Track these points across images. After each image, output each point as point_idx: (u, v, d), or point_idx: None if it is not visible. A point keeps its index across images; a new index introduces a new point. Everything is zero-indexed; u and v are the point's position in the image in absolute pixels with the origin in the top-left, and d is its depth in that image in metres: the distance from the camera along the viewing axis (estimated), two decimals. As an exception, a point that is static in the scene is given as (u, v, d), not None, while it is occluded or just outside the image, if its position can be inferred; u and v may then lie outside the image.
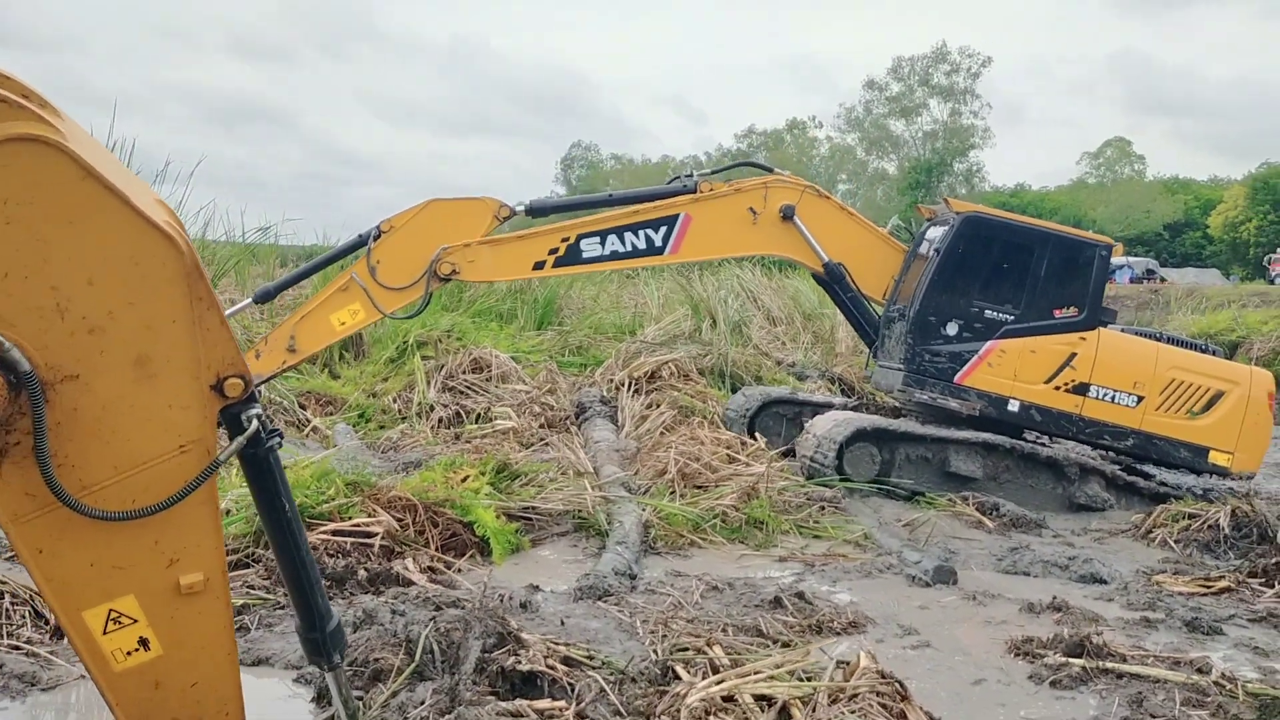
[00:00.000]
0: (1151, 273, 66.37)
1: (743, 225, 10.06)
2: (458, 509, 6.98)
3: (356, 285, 9.26)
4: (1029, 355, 9.73)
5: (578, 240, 9.70)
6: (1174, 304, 25.79)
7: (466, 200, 9.61)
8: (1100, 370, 9.70)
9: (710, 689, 3.99)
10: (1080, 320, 9.79)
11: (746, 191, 10.11)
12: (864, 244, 10.47)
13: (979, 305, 9.83)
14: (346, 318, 9.28)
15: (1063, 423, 9.76)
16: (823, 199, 10.34)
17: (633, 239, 9.79)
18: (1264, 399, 9.85)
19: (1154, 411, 9.75)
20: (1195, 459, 9.82)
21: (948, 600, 6.58)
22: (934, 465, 9.60)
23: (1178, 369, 9.84)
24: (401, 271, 9.27)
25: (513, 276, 10.11)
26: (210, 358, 2.60)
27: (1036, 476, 9.67)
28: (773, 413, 11.33)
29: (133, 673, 2.75)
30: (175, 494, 2.61)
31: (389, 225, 9.32)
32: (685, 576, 6.59)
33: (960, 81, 79.77)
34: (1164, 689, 4.97)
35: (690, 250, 10.04)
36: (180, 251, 2.46)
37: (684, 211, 9.88)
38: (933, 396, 9.82)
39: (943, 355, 9.81)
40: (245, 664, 4.67)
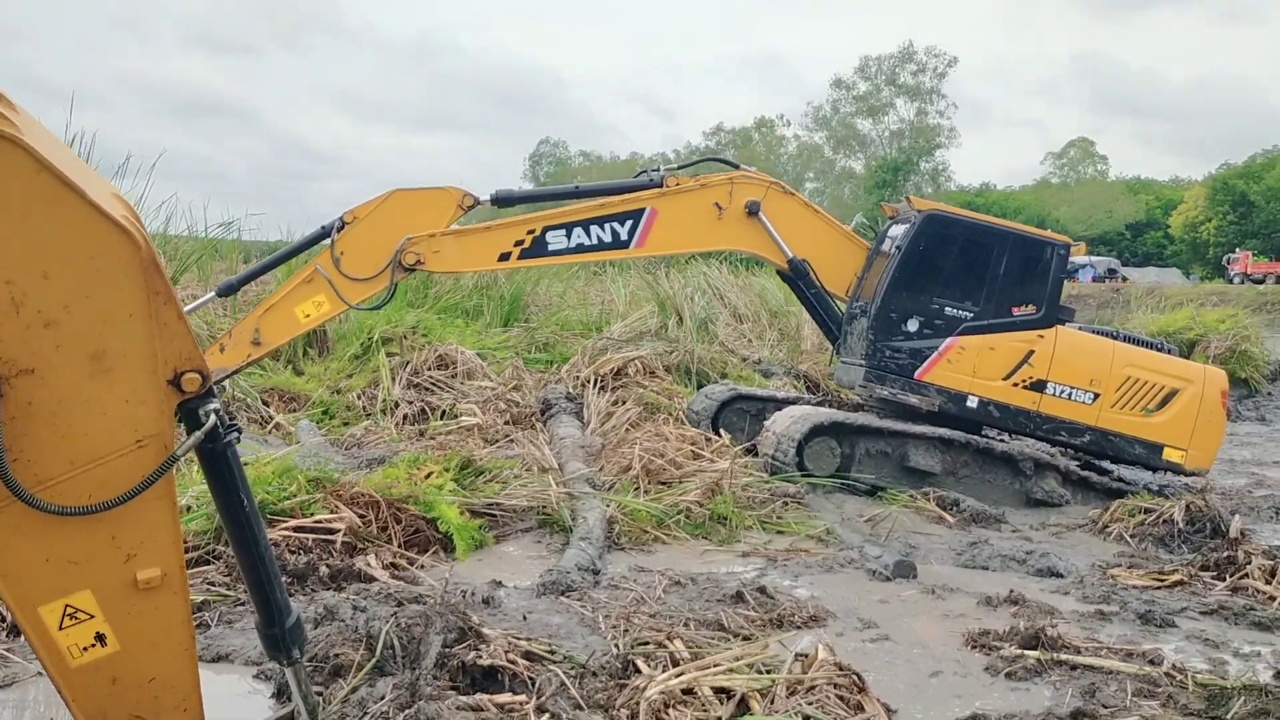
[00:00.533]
0: (1113, 272, 67.27)
1: (708, 220, 10.11)
2: (421, 505, 6.97)
3: (321, 277, 9.21)
4: (988, 352, 9.86)
5: (544, 233, 9.70)
6: (1134, 303, 26.08)
7: (430, 190, 9.58)
8: (1057, 368, 9.84)
9: (670, 682, 4.03)
10: (1038, 318, 9.92)
11: (712, 187, 10.16)
12: (828, 241, 10.55)
13: (939, 302, 9.94)
14: (311, 310, 9.24)
15: (1020, 419, 9.89)
16: (788, 195, 10.41)
17: (599, 232, 9.81)
18: (1217, 397, 10.01)
19: (1109, 409, 9.90)
20: (1150, 455, 9.97)
21: (907, 594, 6.66)
22: (893, 460, 9.70)
23: (1133, 367, 9.98)
24: (366, 262, 9.24)
25: (478, 268, 10.11)
26: (167, 352, 2.59)
27: (994, 472, 9.80)
28: (736, 409, 11.38)
29: (89, 668, 2.74)
30: (132, 489, 2.60)
31: (352, 216, 9.29)
32: (648, 572, 6.62)
33: (926, 81, 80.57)
34: (1116, 680, 5.07)
35: (656, 244, 10.08)
36: (137, 245, 2.46)
37: (650, 206, 9.91)
38: (893, 392, 9.92)
39: (903, 351, 9.91)
40: (205, 660, 4.66)
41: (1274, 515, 9.45)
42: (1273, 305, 39.15)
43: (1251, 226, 74.36)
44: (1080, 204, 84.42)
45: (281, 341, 9.51)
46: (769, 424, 10.25)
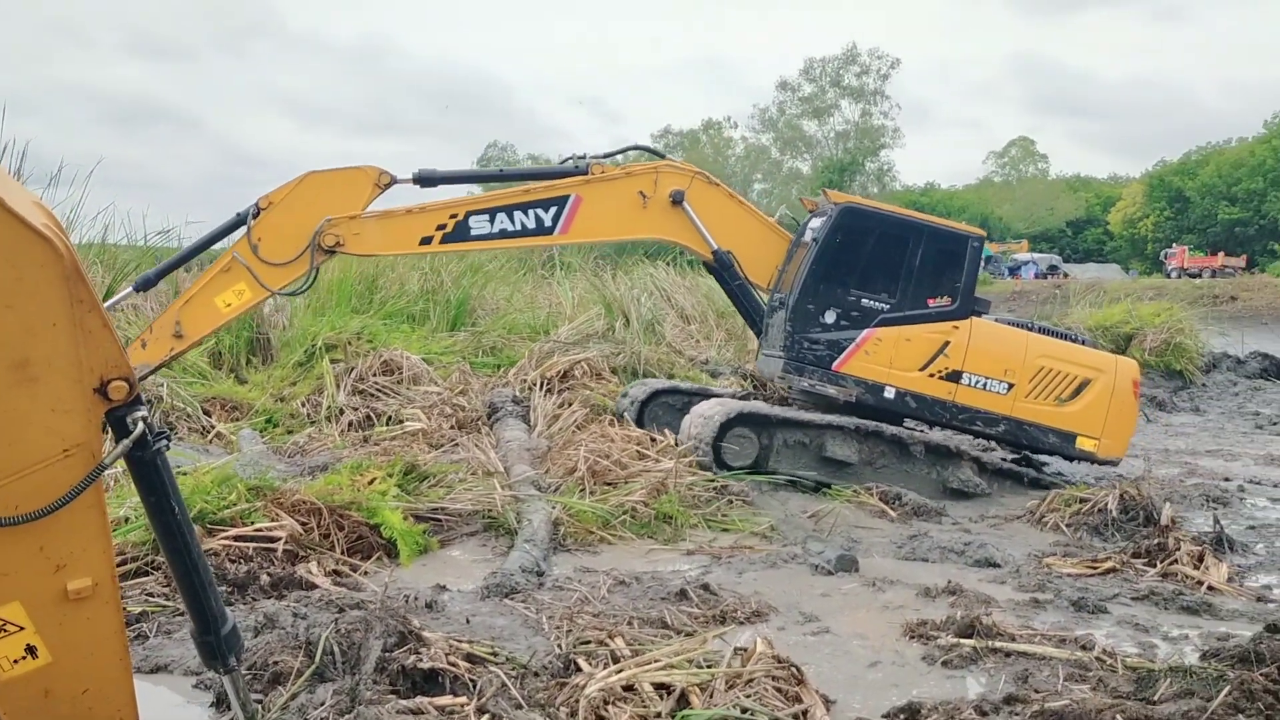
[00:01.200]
0: (1055, 268, 68.50)
1: (633, 208, 10.12)
2: (364, 511, 6.95)
3: (239, 265, 9.13)
4: (904, 343, 9.95)
5: (466, 217, 9.67)
6: (1075, 298, 26.56)
7: (345, 170, 9.51)
8: (972, 358, 9.96)
9: (609, 679, 4.08)
10: (953, 310, 10.03)
11: (637, 175, 10.17)
12: (752, 232, 10.59)
13: (856, 294, 10.02)
14: (232, 299, 9.14)
15: (936, 409, 10.00)
16: (712, 186, 10.44)
17: (522, 218, 9.78)
18: (1129, 386, 10.20)
19: (1024, 398, 10.02)
20: (1063, 444, 10.12)
21: (848, 587, 6.77)
22: (811, 451, 9.73)
23: (1046, 357, 10.13)
24: (285, 247, 9.16)
25: (399, 251, 10.13)
26: (93, 360, 2.59)
27: (911, 462, 9.86)
28: (662, 403, 11.33)
29: (20, 681, 2.72)
30: (60, 499, 2.59)
31: (267, 202, 9.22)
32: (593, 572, 6.66)
33: (870, 83, 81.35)
34: (1049, 666, 5.20)
35: (580, 231, 10.08)
36: (59, 253, 2.45)
37: (574, 193, 9.90)
38: (811, 383, 9.99)
39: (821, 343, 9.98)
40: (143, 671, 4.63)
41: (1204, 503, 9.69)
42: (1208, 299, 40.11)
43: (1188, 222, 76.15)
44: (1022, 202, 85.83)
45: (204, 333, 9.40)
46: (686, 419, 10.27)
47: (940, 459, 9.95)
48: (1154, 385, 18.95)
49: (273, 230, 9.13)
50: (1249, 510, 9.67)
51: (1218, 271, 62.05)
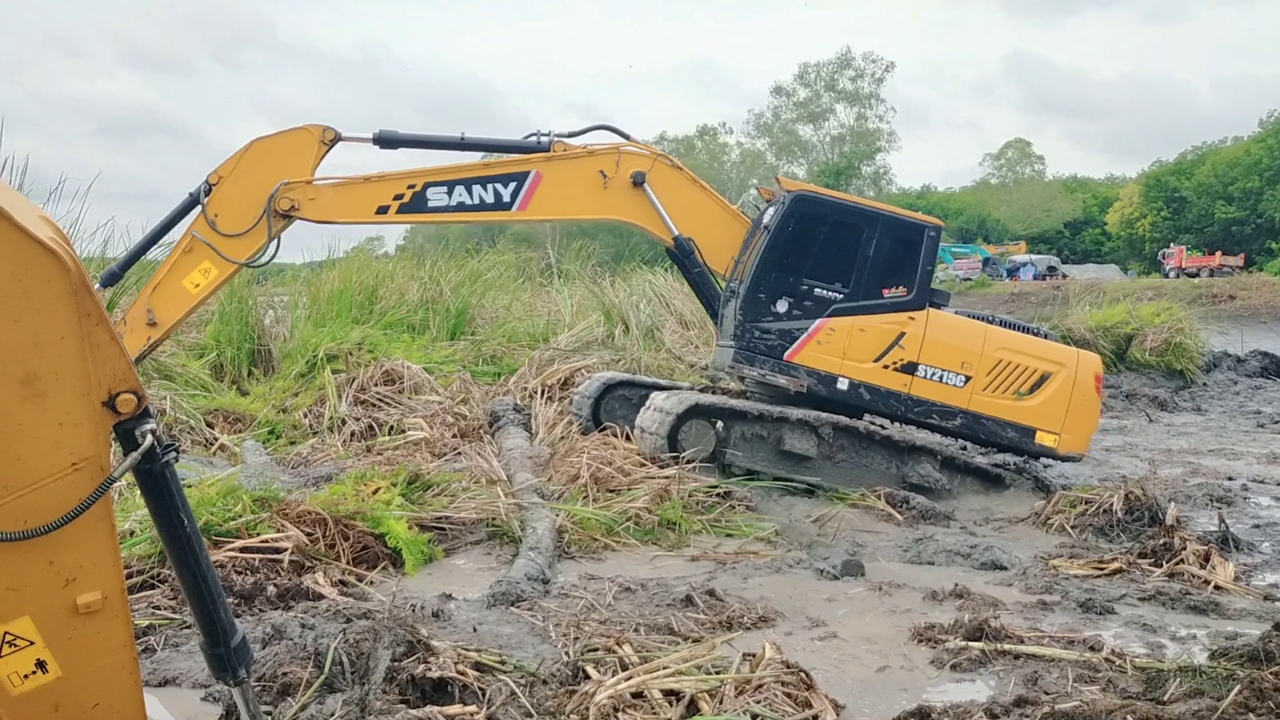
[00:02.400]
0: (1053, 269, 68.54)
1: (593, 188, 10.04)
2: (369, 521, 6.94)
3: (200, 243, 9.11)
4: (858, 334, 9.78)
5: (424, 188, 9.62)
6: (1074, 299, 26.56)
7: (289, 131, 9.49)
8: (928, 350, 9.79)
9: (619, 686, 4.07)
10: (909, 300, 9.86)
11: (599, 155, 10.08)
12: (713, 218, 10.44)
13: (809, 283, 9.85)
14: (199, 278, 9.13)
15: (891, 401, 9.84)
16: (674, 169, 10.33)
17: (481, 192, 9.73)
18: (1090, 381, 10.03)
19: (981, 392, 9.86)
20: (1022, 439, 9.96)
21: (854, 592, 6.76)
22: (769, 444, 9.58)
23: (1005, 350, 9.96)
24: (242, 217, 9.14)
25: (354, 219, 10.03)
26: (101, 374, 2.58)
27: (870, 456, 9.72)
28: (618, 396, 11.21)
29: (31, 696, 2.71)
30: (69, 512, 2.58)
31: (217, 177, 9.22)
32: (598, 579, 6.66)
33: (865, 86, 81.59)
34: (1058, 667, 5.19)
35: (539, 209, 9.98)
36: (66, 267, 2.45)
37: (535, 169, 9.83)
38: (762, 373, 9.82)
39: (772, 332, 9.82)
40: (152, 684, 4.61)
41: (1209, 503, 9.69)
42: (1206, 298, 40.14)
43: (1185, 222, 76.19)
44: (1019, 204, 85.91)
45: (178, 317, 9.37)
46: (641, 412, 10.13)
47: (901, 453, 9.78)
48: (1155, 385, 18.99)
49: (227, 202, 9.11)
50: (1253, 509, 9.66)
51: (1216, 271, 62.10)
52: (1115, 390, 18.19)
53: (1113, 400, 17.46)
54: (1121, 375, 19.62)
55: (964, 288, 60.74)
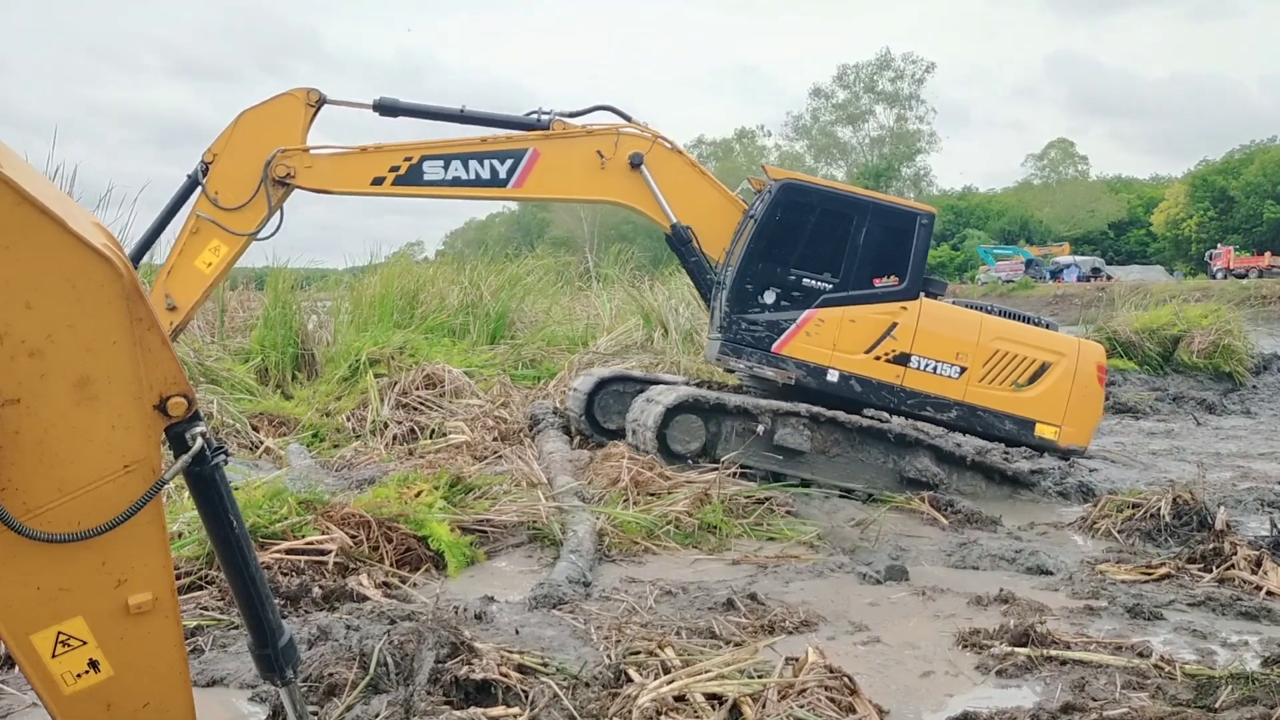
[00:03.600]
0: (1098, 271, 67.66)
1: (590, 169, 9.97)
2: (412, 524, 6.99)
3: (205, 222, 9.20)
4: (848, 324, 9.59)
5: (421, 161, 9.61)
6: (1119, 301, 26.20)
7: (274, 99, 9.55)
8: (922, 340, 9.59)
9: (661, 689, 4.07)
10: (901, 290, 9.67)
11: (597, 135, 10.00)
12: (711, 203, 10.28)
13: (797, 273, 9.68)
14: (210, 257, 9.24)
15: (883, 393, 9.62)
16: (674, 153, 10.19)
17: (477, 167, 9.69)
18: (1093, 371, 9.76)
19: (977, 383, 9.63)
20: (1020, 432, 9.72)
21: (897, 596, 6.70)
22: (762, 439, 9.43)
23: (1002, 340, 9.73)
24: (242, 191, 9.24)
25: (350, 189, 9.90)
26: (152, 378, 2.62)
27: (866, 450, 9.54)
28: (612, 391, 11.10)
29: (83, 695, 2.74)
30: (121, 514, 2.61)
31: (211, 155, 9.30)
32: (639, 582, 6.65)
33: (905, 87, 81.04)
34: (1105, 673, 5.12)
35: (535, 187, 9.91)
36: (118, 273, 2.48)
37: (532, 147, 9.78)
38: (749, 365, 9.67)
39: (760, 324, 9.65)
40: (200, 684, 4.67)
41: (1259, 507, 9.51)
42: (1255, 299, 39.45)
43: (1232, 222, 74.92)
44: (1062, 204, 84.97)
45: (195, 298, 9.46)
46: (632, 406, 10.01)
47: (897, 447, 9.59)
48: (1203, 388, 18.68)
49: (226, 178, 9.21)
50: (1306, 514, 9.46)
51: (1265, 271, 60.92)
52: (1162, 393, 17.92)
53: (1159, 403, 17.22)
54: (1168, 378, 19.32)
55: (1006, 289, 60.12)
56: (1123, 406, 16.75)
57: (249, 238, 9.43)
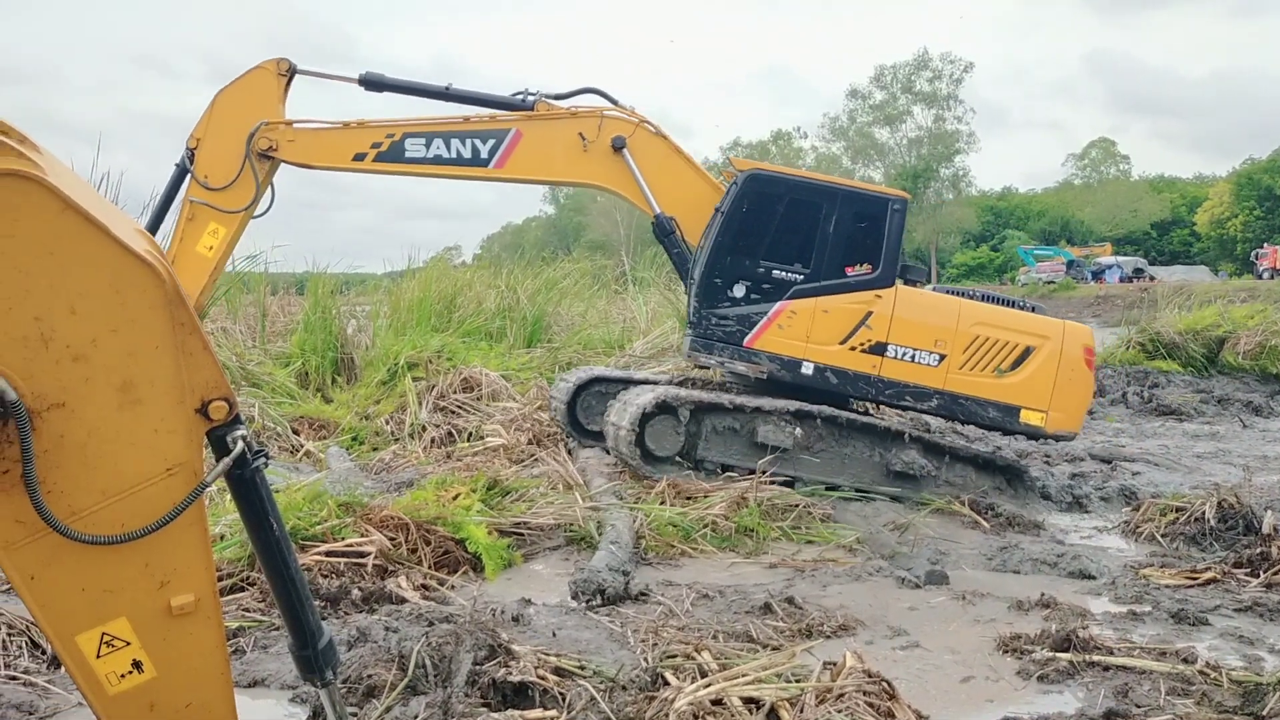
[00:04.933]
0: (1140, 271, 66.79)
1: (573, 151, 9.84)
2: (449, 526, 7.03)
3: (199, 206, 9.30)
4: (822, 315, 9.38)
5: (403, 139, 9.60)
6: (1162, 302, 25.83)
7: (245, 75, 9.60)
8: (898, 329, 9.37)
9: (698, 693, 4.05)
10: (875, 278, 9.44)
11: (581, 117, 9.88)
12: (694, 189, 10.06)
13: (766, 265, 9.47)
14: (210, 240, 9.32)
15: (860, 384, 9.43)
16: (657, 137, 10.00)
17: (459, 146, 9.64)
18: (1079, 354, 9.50)
19: (957, 370, 9.40)
20: (1005, 419, 9.48)
21: (937, 600, 6.65)
22: (743, 436, 9.25)
23: (982, 325, 9.48)
24: (230, 170, 9.32)
25: (331, 164, 9.79)
26: (194, 382, 2.64)
27: (851, 444, 9.36)
28: (594, 392, 10.91)
29: (127, 695, 2.77)
30: (164, 516, 2.64)
31: (195, 141, 9.37)
32: (676, 586, 6.64)
33: (943, 87, 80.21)
34: (1149, 679, 5.05)
35: (517, 168, 9.81)
36: (161, 279, 2.51)
37: (515, 127, 9.70)
38: (721, 360, 9.52)
39: (730, 318, 9.47)
40: (241, 685, 4.72)
41: (1308, 510, 9.32)
42: (1303, 299, 38.68)
43: (1279, 221, 73.63)
44: (1104, 204, 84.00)
45: (203, 284, 9.49)
46: (609, 410, 9.81)
47: (883, 440, 9.42)
48: (1249, 390, 18.37)
49: (212, 160, 9.29)
50: (1356, 518, 9.27)
51: (1312, 271, 59.85)
52: (1207, 395, 17.65)
53: (1204, 405, 16.97)
54: (1213, 380, 19.02)
55: (1047, 290, 59.47)
56: (1166, 409, 16.52)
57: (243, 214, 9.47)
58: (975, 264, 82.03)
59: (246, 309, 17.32)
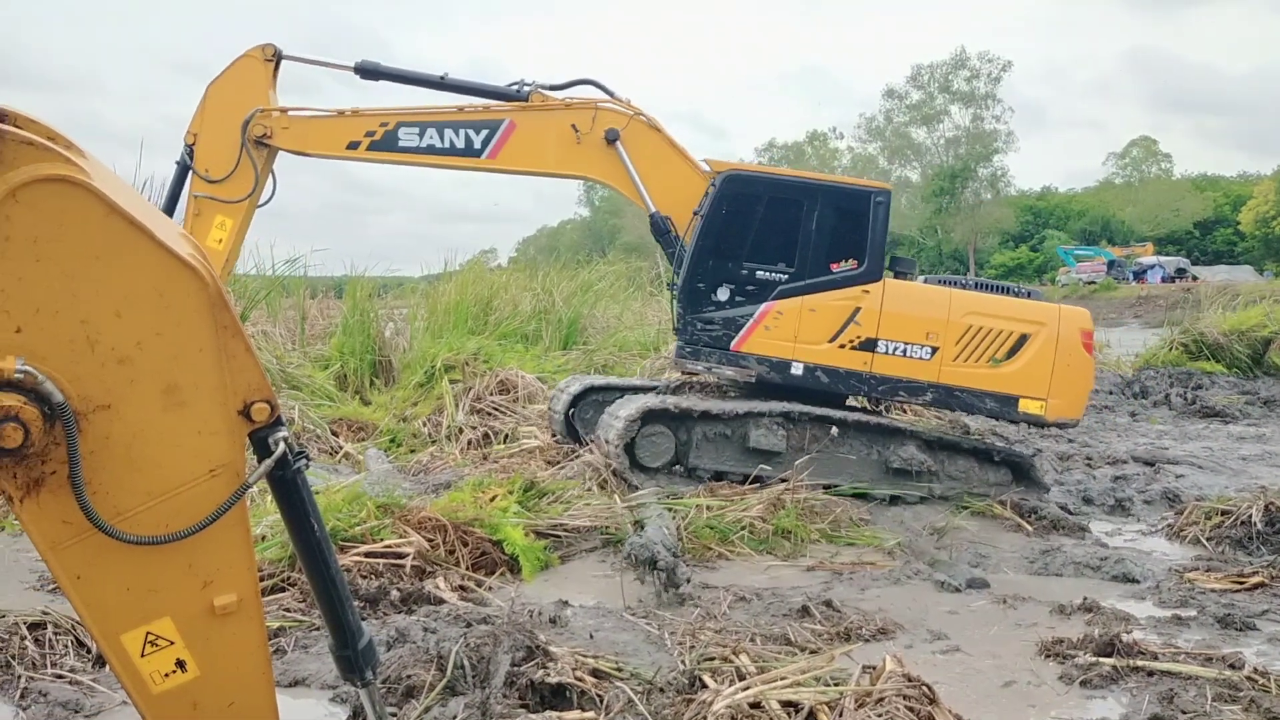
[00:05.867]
0: (1183, 271, 65.85)
1: (566, 142, 9.72)
2: (487, 528, 7.06)
3: (204, 201, 9.36)
4: (809, 314, 9.20)
5: (397, 128, 9.57)
6: (1205, 302, 25.44)
7: (233, 65, 9.63)
8: (888, 323, 9.18)
9: (736, 696, 4.04)
10: (861, 273, 9.23)
11: (575, 109, 9.76)
12: (690, 187, 9.79)
13: (749, 266, 9.30)
14: (219, 234, 9.37)
15: (852, 382, 9.24)
16: (651, 130, 9.81)
17: (452, 136, 9.59)
18: (1076, 339, 9.25)
19: (951, 362, 9.20)
20: (1004, 409, 9.27)
21: (977, 604, 6.58)
22: (734, 442, 9.11)
23: (974, 314, 9.26)
24: (229, 159, 9.37)
25: (324, 152, 9.75)
26: (237, 384, 2.67)
27: (849, 444, 9.19)
28: (592, 401, 10.76)
29: (171, 694, 2.81)
30: (207, 517, 2.67)
31: (192, 136, 9.44)
32: (713, 588, 6.63)
33: (981, 87, 79.50)
34: (1195, 685, 4.97)
35: (509, 159, 9.73)
36: (204, 282, 2.54)
37: (509, 118, 9.63)
38: (709, 366, 9.36)
39: (716, 322, 9.31)
40: (282, 685, 4.76)
41: (1359, 514, 9.14)
42: (1351, 298, 37.96)
43: (1326, 219, 72.38)
44: (1146, 204, 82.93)
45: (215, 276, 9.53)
46: (601, 421, 9.70)
47: (880, 438, 9.26)
48: (1297, 390, 18.07)
49: (211, 153, 9.36)
50: None
51: (1361, 270, 58.75)
52: (1252, 396, 17.38)
53: (1250, 406, 16.71)
54: (1259, 381, 18.74)
55: (1087, 291, 58.79)
56: (1211, 410, 16.28)
57: (247, 203, 9.50)
58: (1014, 264, 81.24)
59: (286, 312, 17.48)
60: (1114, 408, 16.83)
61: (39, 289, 2.39)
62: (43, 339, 2.41)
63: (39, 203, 2.34)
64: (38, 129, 2.48)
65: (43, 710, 4.50)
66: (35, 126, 2.49)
